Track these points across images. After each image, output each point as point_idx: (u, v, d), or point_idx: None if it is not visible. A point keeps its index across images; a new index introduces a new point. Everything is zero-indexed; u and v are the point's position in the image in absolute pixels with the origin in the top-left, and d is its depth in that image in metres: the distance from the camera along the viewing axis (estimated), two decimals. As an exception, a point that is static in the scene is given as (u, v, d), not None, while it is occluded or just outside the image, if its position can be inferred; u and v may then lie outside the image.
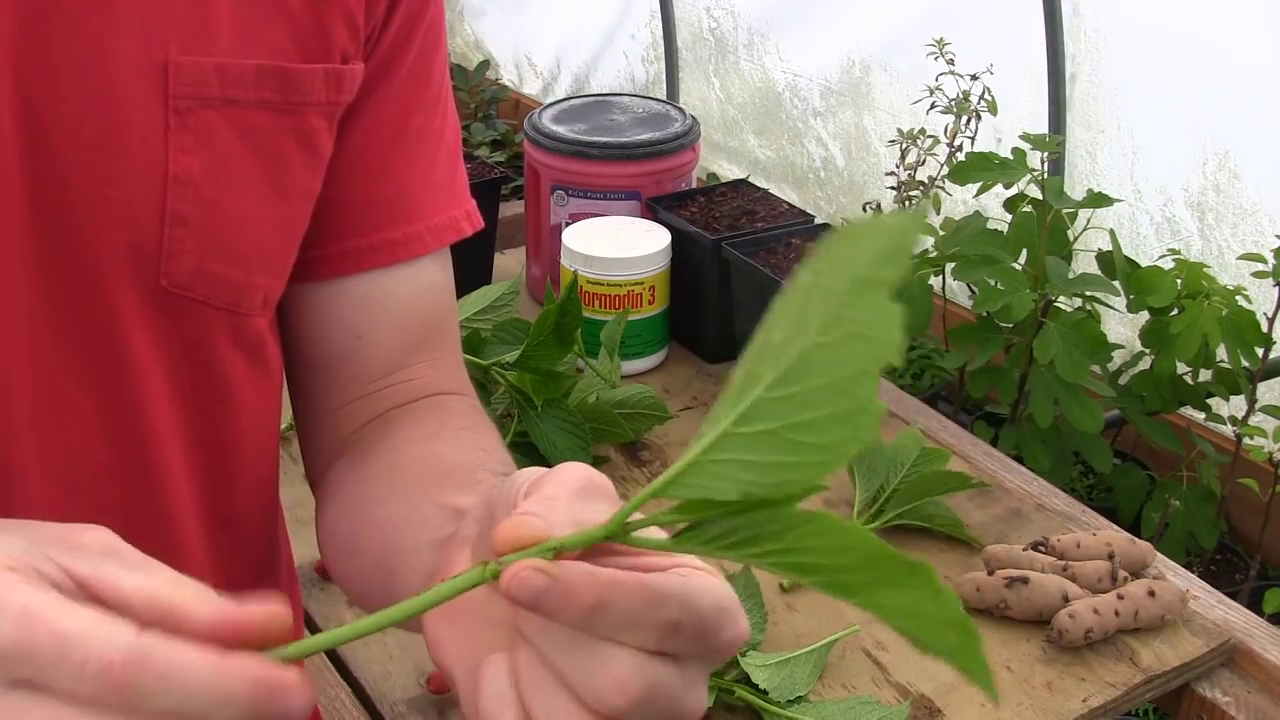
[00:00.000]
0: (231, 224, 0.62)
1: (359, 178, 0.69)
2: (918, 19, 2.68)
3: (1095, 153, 2.52)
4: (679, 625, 0.44)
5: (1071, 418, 1.86)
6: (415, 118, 0.71)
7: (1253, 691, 0.99)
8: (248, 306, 0.65)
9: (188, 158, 0.60)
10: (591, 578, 0.43)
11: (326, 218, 0.69)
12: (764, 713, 0.91)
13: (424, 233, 0.72)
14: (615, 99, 1.54)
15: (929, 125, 2.24)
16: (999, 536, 1.11)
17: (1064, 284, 1.80)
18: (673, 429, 1.26)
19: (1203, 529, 1.96)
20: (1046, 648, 0.99)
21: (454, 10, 4.44)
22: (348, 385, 0.73)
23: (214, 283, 0.63)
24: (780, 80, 3.24)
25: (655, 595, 0.43)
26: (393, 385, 0.73)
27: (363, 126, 0.69)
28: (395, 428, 0.70)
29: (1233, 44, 2.22)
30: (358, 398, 0.73)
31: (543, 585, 0.42)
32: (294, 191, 0.66)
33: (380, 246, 0.71)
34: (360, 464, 0.70)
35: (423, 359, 0.74)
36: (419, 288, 0.73)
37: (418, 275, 0.73)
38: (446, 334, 0.77)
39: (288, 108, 0.63)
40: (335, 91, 0.65)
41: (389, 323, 0.72)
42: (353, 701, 0.93)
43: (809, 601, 1.04)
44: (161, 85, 0.59)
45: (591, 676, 0.43)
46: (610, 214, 1.40)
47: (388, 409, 0.72)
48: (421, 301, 0.74)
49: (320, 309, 0.72)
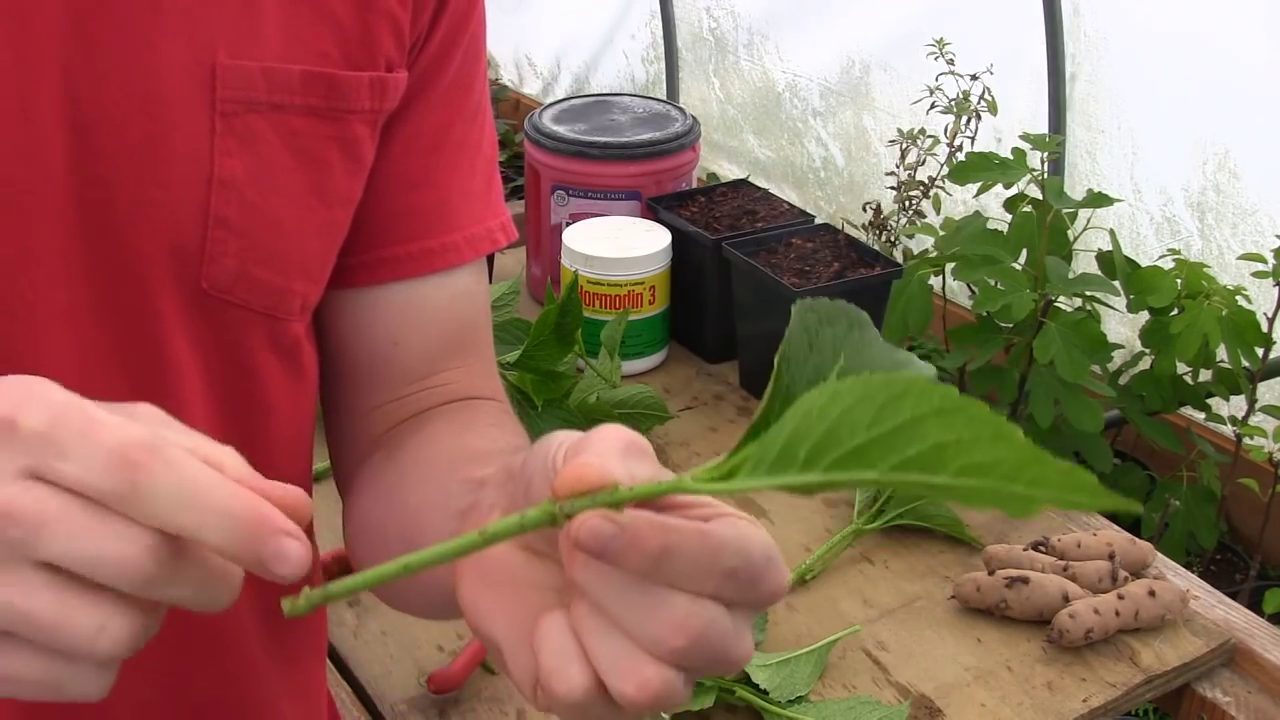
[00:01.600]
0: (273, 228, 0.63)
1: (399, 186, 0.70)
2: (918, 19, 2.68)
3: (1095, 153, 2.52)
4: (735, 572, 0.45)
5: (1071, 418, 1.86)
6: (456, 127, 0.72)
7: (1253, 691, 0.99)
8: (286, 311, 0.66)
9: (232, 161, 0.60)
10: (657, 526, 0.44)
11: (365, 225, 0.69)
12: (764, 713, 0.91)
13: (461, 243, 0.73)
14: (615, 99, 1.54)
15: (929, 125, 2.24)
16: (999, 536, 1.11)
17: (1064, 284, 1.79)
18: (673, 429, 1.26)
19: (1203, 529, 1.96)
20: (1047, 648, 0.99)
21: (454, 10, 4.44)
22: (382, 389, 0.74)
23: (254, 286, 0.63)
24: (780, 80, 3.24)
25: (715, 542, 0.44)
26: (426, 389, 0.74)
27: (404, 134, 0.69)
28: (427, 425, 0.71)
29: (1232, 44, 2.22)
30: (391, 400, 0.73)
31: (611, 533, 0.43)
32: (335, 198, 0.66)
33: (418, 255, 0.71)
34: (392, 459, 0.70)
35: (456, 364, 0.75)
36: (455, 295, 0.74)
37: (454, 283, 0.73)
38: (480, 340, 0.77)
39: (332, 114, 0.63)
40: (379, 99, 0.66)
41: (424, 329, 0.73)
42: (353, 701, 0.93)
43: (809, 601, 1.04)
44: (208, 88, 0.59)
45: (650, 620, 0.44)
46: (610, 214, 1.40)
47: (421, 411, 0.73)
48: (456, 309, 0.74)
49: (357, 315, 0.72)
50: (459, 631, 0.99)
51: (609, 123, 1.47)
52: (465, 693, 0.93)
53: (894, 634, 1.01)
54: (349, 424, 0.75)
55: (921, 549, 1.10)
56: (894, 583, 1.06)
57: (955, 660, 0.98)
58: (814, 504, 1.16)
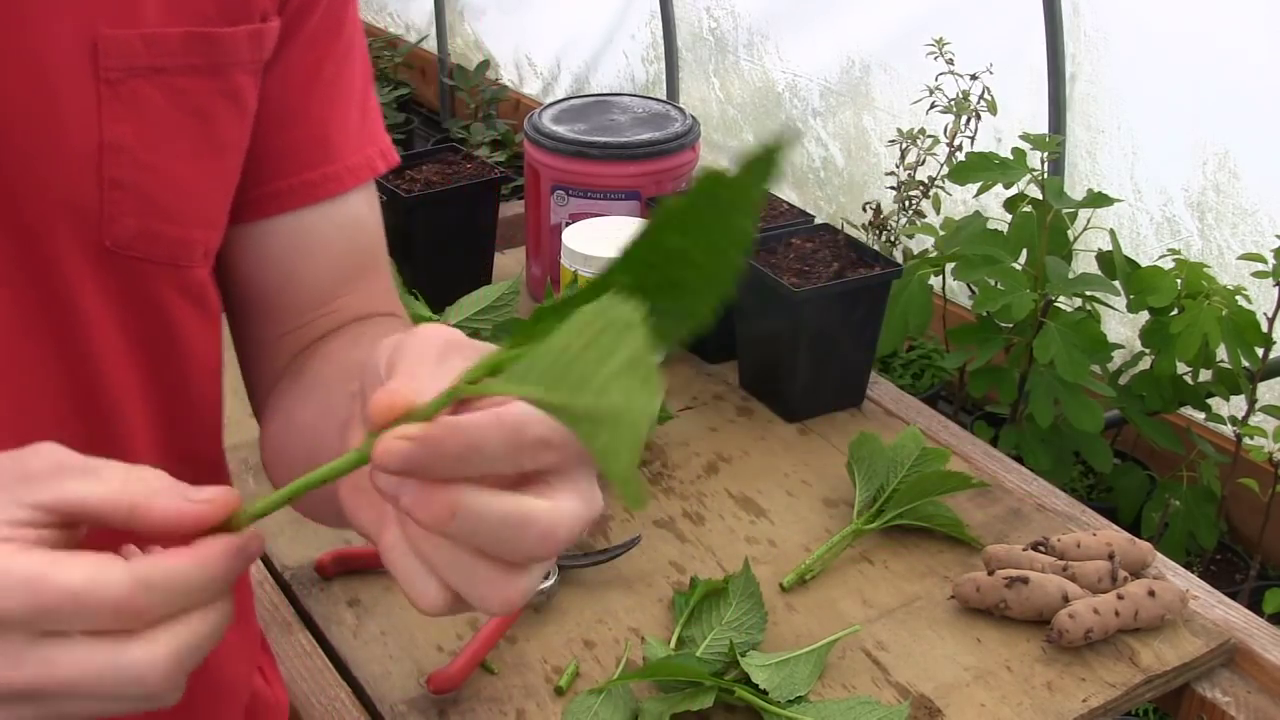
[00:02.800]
0: (168, 185, 0.66)
1: (278, 124, 0.73)
2: (918, 19, 2.68)
3: (1095, 153, 2.52)
4: (548, 441, 0.46)
5: (1071, 418, 1.86)
6: (328, 64, 0.75)
7: (1253, 691, 0.99)
8: (189, 259, 0.69)
9: (121, 126, 0.63)
10: (452, 427, 0.45)
11: (251, 164, 0.72)
12: (764, 713, 0.91)
13: (342, 172, 0.77)
14: (615, 99, 1.54)
15: (929, 125, 2.24)
16: (999, 536, 1.11)
17: (1064, 284, 1.80)
18: (673, 429, 1.26)
19: (1203, 529, 1.96)
20: (1046, 648, 0.99)
21: (454, 10, 4.44)
22: (283, 317, 0.78)
23: (155, 240, 0.67)
24: (780, 80, 3.24)
25: (515, 421, 0.46)
26: (325, 314, 0.78)
27: (279, 75, 0.72)
28: (325, 346, 0.76)
29: (1232, 44, 2.22)
30: (293, 328, 0.77)
31: (408, 450, 0.45)
32: (226, 147, 0.69)
33: (300, 188, 0.75)
34: (295, 383, 0.75)
35: (354, 289, 0.79)
36: (343, 223, 0.78)
37: (341, 211, 0.77)
38: (376, 263, 0.81)
39: (215, 70, 0.67)
40: (258, 50, 0.69)
41: (317, 257, 0.77)
42: (353, 701, 0.93)
43: (809, 601, 1.04)
44: (91, 59, 0.62)
45: (482, 526, 0.46)
46: (610, 214, 1.40)
47: (321, 335, 0.77)
48: (347, 236, 0.78)
49: (253, 249, 0.76)
50: (459, 632, 0.99)
51: (609, 123, 1.47)
52: (465, 693, 0.93)
53: (894, 634, 1.01)
54: (257, 355, 0.79)
55: (921, 549, 1.10)
56: (894, 583, 1.06)
57: (955, 660, 0.98)
58: (814, 504, 1.16)
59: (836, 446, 1.24)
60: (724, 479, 1.19)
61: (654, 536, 1.11)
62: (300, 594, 1.03)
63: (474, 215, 1.46)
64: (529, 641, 0.99)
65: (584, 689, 0.93)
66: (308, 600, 1.02)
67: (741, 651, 0.95)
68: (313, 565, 1.05)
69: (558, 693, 0.94)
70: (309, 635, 0.99)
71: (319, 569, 1.05)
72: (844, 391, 1.31)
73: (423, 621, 1.00)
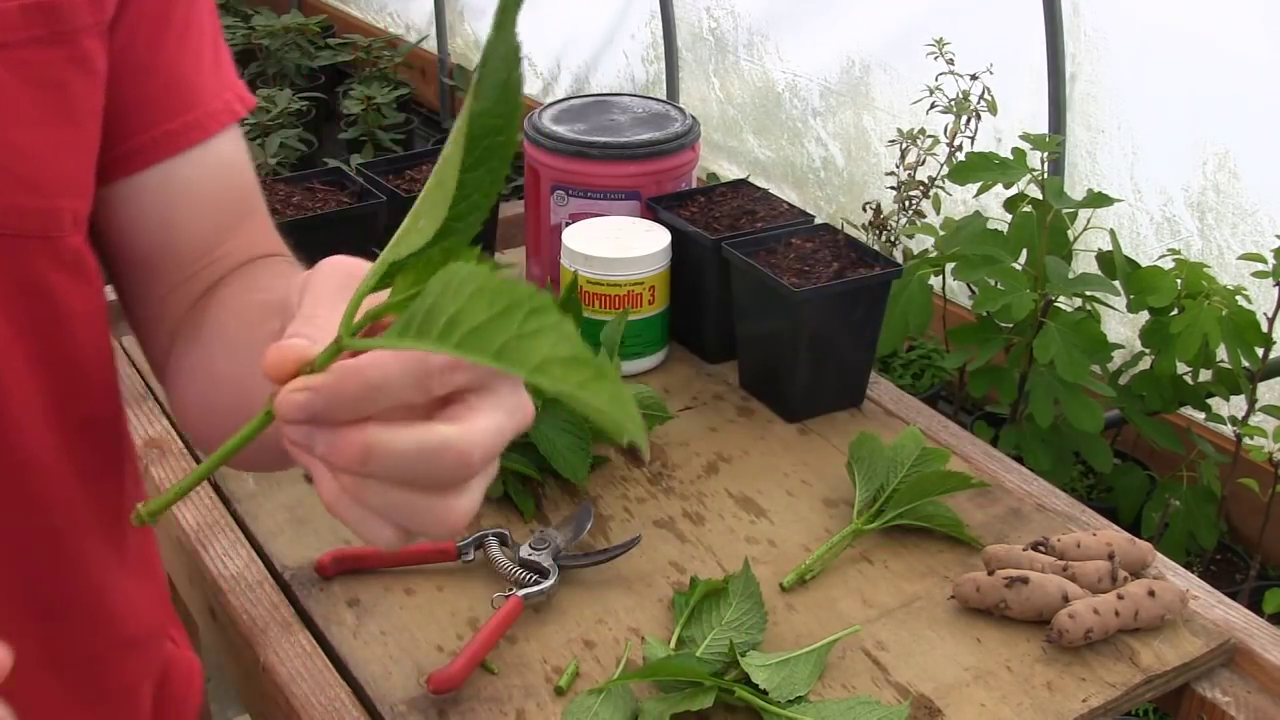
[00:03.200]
0: (28, 158, 0.66)
1: (132, 79, 0.73)
2: (918, 19, 2.68)
3: (1095, 153, 2.52)
4: (455, 364, 0.47)
5: (1071, 418, 1.86)
6: (175, 13, 0.75)
7: (1253, 691, 0.99)
8: (59, 229, 0.70)
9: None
10: (349, 370, 0.46)
11: (110, 122, 0.73)
12: (764, 713, 0.91)
13: (203, 118, 0.77)
14: (615, 99, 1.54)
15: (929, 125, 2.24)
16: (999, 536, 1.11)
17: (1064, 284, 1.80)
18: (673, 429, 1.26)
19: (1203, 529, 1.96)
20: (1046, 648, 0.99)
21: (454, 10, 4.44)
22: (168, 272, 0.78)
23: (23, 215, 0.67)
24: (780, 80, 3.24)
25: (417, 352, 0.46)
26: (211, 264, 0.78)
27: (126, 31, 0.72)
28: (218, 294, 0.76)
29: (1233, 44, 2.22)
30: (180, 283, 0.78)
31: (306, 400, 0.46)
32: (82, 114, 0.69)
33: (164, 138, 0.75)
34: (196, 339, 0.75)
35: (235, 234, 0.79)
36: (213, 170, 0.78)
37: (209, 158, 0.78)
38: (253, 208, 0.82)
39: (59, 39, 0.67)
40: (98, 11, 0.69)
41: (193, 207, 0.77)
42: (352, 701, 0.92)
43: (809, 601, 1.04)
44: None
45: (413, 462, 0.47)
46: (610, 214, 1.40)
47: (211, 286, 0.77)
48: (219, 182, 0.79)
49: (126, 208, 0.76)
50: (459, 632, 0.99)
51: (609, 123, 1.47)
52: (465, 693, 0.93)
53: (894, 634, 1.01)
54: (148, 315, 0.80)
55: (921, 549, 1.10)
56: (894, 583, 1.06)
57: (955, 660, 0.98)
58: (814, 504, 1.16)
59: (836, 446, 1.24)
60: (724, 479, 1.19)
61: (654, 536, 1.11)
62: (300, 594, 1.03)
63: (474, 215, 1.46)
64: (529, 641, 0.99)
65: (584, 689, 0.93)
66: (308, 600, 1.02)
67: (741, 651, 0.95)
68: (313, 565, 1.05)
69: (558, 693, 0.94)
70: (309, 635, 0.99)
71: (319, 569, 1.05)
72: (844, 391, 1.31)
73: (423, 621, 1.00)
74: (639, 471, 1.20)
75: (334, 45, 4.56)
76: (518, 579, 1.03)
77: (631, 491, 1.17)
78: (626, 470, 1.20)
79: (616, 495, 1.16)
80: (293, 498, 1.14)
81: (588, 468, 1.14)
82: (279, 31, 4.49)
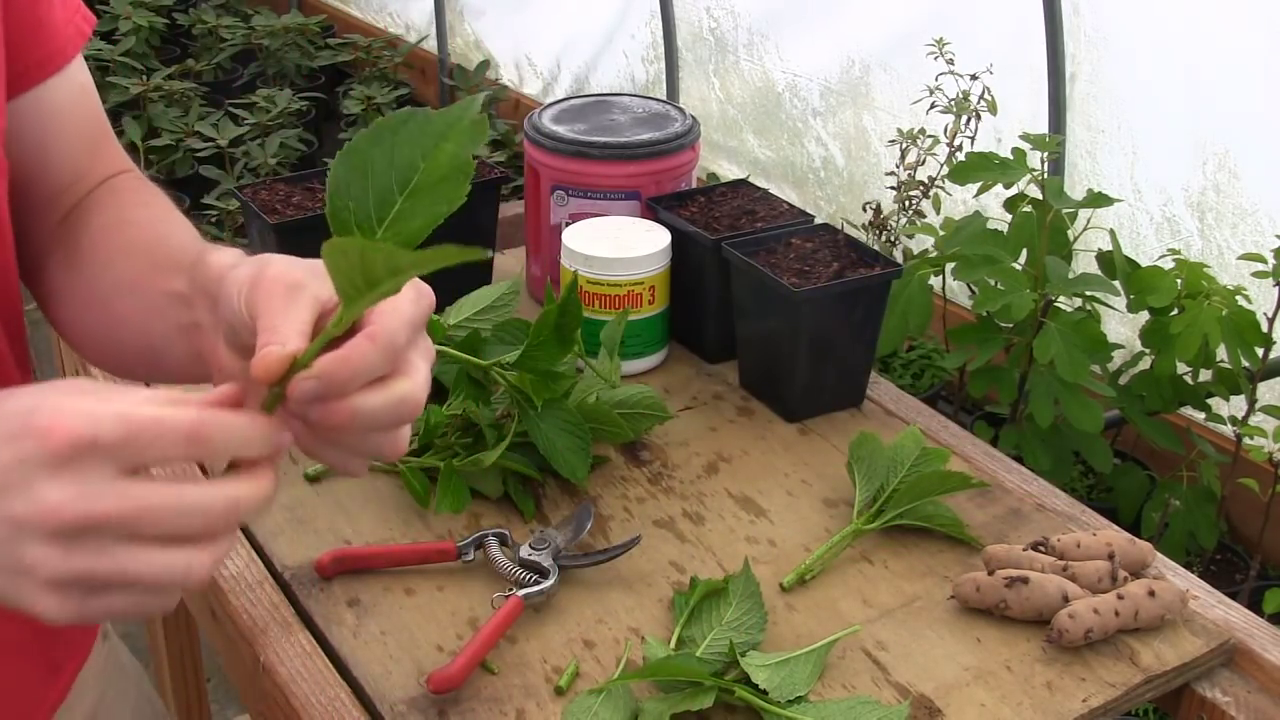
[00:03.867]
0: None
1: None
2: (918, 19, 2.68)
3: (1095, 153, 2.52)
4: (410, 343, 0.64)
5: (1071, 418, 1.86)
6: None
7: (1253, 691, 0.99)
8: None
9: None
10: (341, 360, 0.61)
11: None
12: (764, 713, 0.91)
13: (64, 44, 0.86)
14: (615, 99, 1.54)
15: (929, 125, 2.24)
16: (999, 536, 1.11)
17: (1064, 284, 1.80)
18: (673, 429, 1.26)
19: (1203, 529, 1.96)
20: (1046, 648, 0.99)
21: (454, 10, 4.44)
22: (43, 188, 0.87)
23: None
24: (780, 80, 3.24)
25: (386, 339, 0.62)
26: (76, 180, 0.88)
27: None
28: (90, 222, 0.86)
29: (1232, 44, 2.22)
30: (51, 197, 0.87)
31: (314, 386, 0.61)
32: None
33: (34, 66, 0.84)
34: (73, 262, 0.85)
35: (97, 155, 0.90)
36: (75, 92, 0.88)
37: (71, 82, 0.87)
38: (106, 127, 0.93)
39: None
40: None
41: (63, 127, 0.87)
42: (352, 701, 0.92)
43: (809, 601, 1.04)
44: None
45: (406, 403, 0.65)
46: (610, 214, 1.40)
47: (77, 200, 0.88)
48: (82, 105, 0.89)
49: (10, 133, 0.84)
50: (459, 632, 0.99)
51: (609, 123, 1.47)
52: (465, 693, 0.93)
53: (893, 634, 1.01)
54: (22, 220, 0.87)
55: (921, 549, 1.10)
56: (894, 583, 1.06)
57: (955, 660, 0.98)
58: (814, 504, 1.16)
59: (836, 446, 1.24)
60: (724, 479, 1.19)
61: (654, 536, 1.11)
62: (300, 594, 1.03)
63: (474, 215, 1.46)
64: (529, 641, 0.99)
65: (584, 689, 0.93)
66: (308, 600, 1.02)
67: (741, 651, 0.95)
68: (313, 565, 1.05)
69: (558, 693, 0.94)
70: (309, 635, 0.99)
71: (319, 569, 1.05)
72: (844, 391, 1.31)
73: (423, 621, 1.00)
74: (639, 471, 1.20)
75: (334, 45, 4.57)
76: (518, 579, 1.03)
77: (631, 491, 1.17)
78: (626, 470, 1.20)
79: (616, 495, 1.16)
80: (293, 498, 1.14)
81: (588, 468, 1.14)
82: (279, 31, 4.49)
